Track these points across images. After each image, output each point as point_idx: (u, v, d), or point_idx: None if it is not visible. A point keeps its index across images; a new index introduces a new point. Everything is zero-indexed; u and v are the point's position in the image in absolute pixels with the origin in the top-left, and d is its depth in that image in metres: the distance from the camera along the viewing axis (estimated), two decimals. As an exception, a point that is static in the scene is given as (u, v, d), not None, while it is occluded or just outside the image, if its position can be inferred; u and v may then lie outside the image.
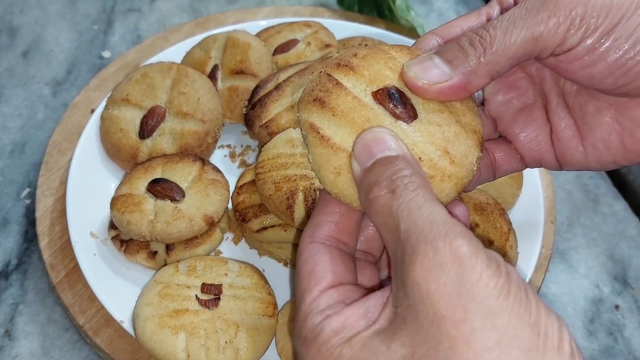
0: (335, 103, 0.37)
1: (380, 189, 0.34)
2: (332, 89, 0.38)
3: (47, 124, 0.75)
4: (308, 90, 0.39)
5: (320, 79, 0.39)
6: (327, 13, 0.84)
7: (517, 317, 0.29)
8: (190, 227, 0.58)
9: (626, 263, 0.68)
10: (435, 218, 0.32)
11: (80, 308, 0.58)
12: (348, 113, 0.37)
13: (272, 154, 0.59)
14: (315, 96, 0.38)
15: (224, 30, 0.74)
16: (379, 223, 0.34)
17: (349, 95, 0.38)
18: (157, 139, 0.65)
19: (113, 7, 0.89)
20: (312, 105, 0.38)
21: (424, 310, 0.30)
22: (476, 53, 0.39)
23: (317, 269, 0.36)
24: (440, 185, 0.37)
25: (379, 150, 0.35)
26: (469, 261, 0.30)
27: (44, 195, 0.65)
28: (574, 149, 0.45)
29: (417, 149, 0.37)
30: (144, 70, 0.68)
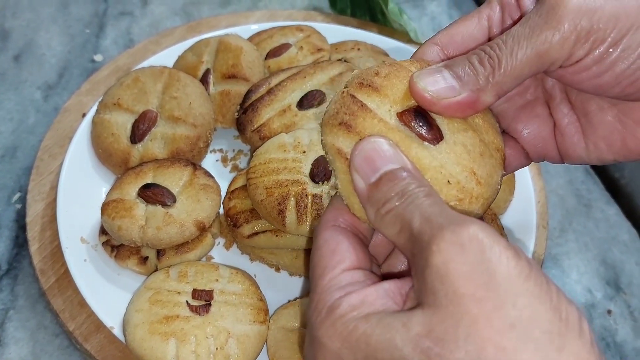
0: (362, 127, 0.36)
1: (391, 203, 0.34)
2: (357, 112, 0.37)
3: (38, 128, 0.75)
4: (332, 112, 0.38)
5: (344, 101, 0.37)
6: (320, 17, 0.84)
7: (539, 300, 0.29)
8: (181, 232, 0.58)
9: (618, 268, 0.68)
10: (446, 213, 0.32)
11: (70, 314, 0.58)
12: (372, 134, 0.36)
13: (264, 159, 0.59)
14: (341, 120, 0.37)
15: (216, 34, 0.74)
16: (392, 233, 0.34)
17: (375, 118, 0.37)
18: (149, 143, 0.64)
19: (105, 11, 0.89)
20: (338, 129, 0.37)
21: (442, 290, 0.30)
22: (485, 72, 0.39)
23: (340, 248, 0.36)
24: (469, 207, 0.37)
25: (382, 163, 0.35)
26: (488, 242, 0.30)
27: (34, 200, 0.65)
28: (577, 144, 0.45)
29: (445, 172, 0.36)
30: (136, 74, 0.67)
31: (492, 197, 0.38)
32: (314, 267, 0.37)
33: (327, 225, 0.37)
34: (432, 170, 0.36)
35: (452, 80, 0.39)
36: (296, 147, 0.59)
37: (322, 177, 0.56)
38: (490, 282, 0.29)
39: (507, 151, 0.45)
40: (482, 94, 0.39)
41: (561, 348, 0.28)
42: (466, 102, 0.38)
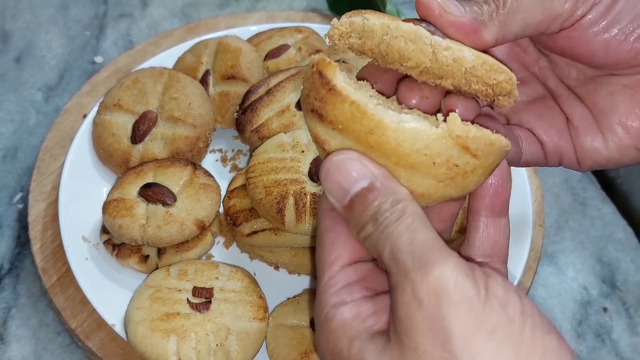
0: (333, 115, 0.34)
1: (367, 229, 0.34)
2: (326, 97, 0.34)
3: (39, 129, 0.75)
4: (305, 93, 0.36)
5: (313, 80, 0.35)
6: (318, 18, 0.85)
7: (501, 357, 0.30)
8: (181, 231, 0.58)
9: (614, 266, 0.69)
10: (414, 249, 0.32)
11: (72, 312, 0.58)
12: (349, 125, 0.34)
13: (263, 159, 0.59)
14: (312, 106, 0.35)
15: (216, 36, 0.75)
16: (372, 254, 0.34)
17: (346, 102, 0.34)
18: (149, 143, 0.65)
19: (105, 13, 0.90)
20: (313, 116, 0.35)
21: (407, 342, 0.31)
22: (489, 9, 0.39)
23: (338, 241, 0.36)
24: (464, 182, 0.35)
25: (349, 184, 0.34)
26: (446, 296, 0.30)
27: (36, 200, 0.66)
28: (593, 137, 0.44)
29: (430, 152, 0.33)
30: (136, 75, 0.68)
31: (496, 162, 0.36)
32: (317, 258, 0.37)
33: (325, 212, 0.37)
34: (414, 155, 0.34)
35: (460, 6, 0.38)
36: (295, 147, 0.60)
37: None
38: (447, 343, 0.30)
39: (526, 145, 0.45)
40: (483, 26, 0.38)
41: None
42: (469, 24, 0.38)
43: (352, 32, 0.38)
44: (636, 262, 0.69)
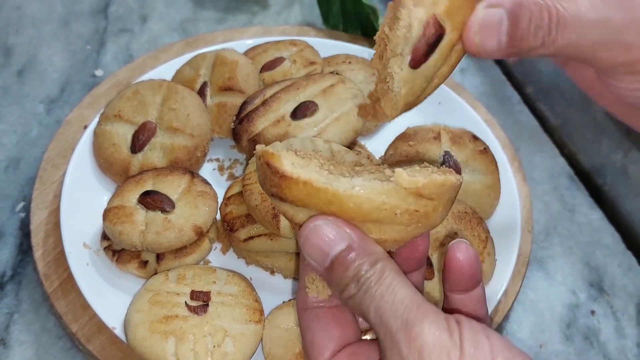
0: (291, 195, 0.36)
1: (350, 289, 0.36)
2: (280, 183, 0.36)
3: (41, 141, 0.77)
4: (261, 181, 0.38)
5: (264, 170, 0.37)
6: (313, 32, 0.87)
7: None
8: (179, 237, 0.60)
9: (602, 270, 0.71)
10: (397, 309, 0.34)
11: (73, 316, 0.60)
12: (309, 201, 0.36)
13: (259, 166, 0.61)
14: (271, 192, 0.37)
15: (213, 49, 0.77)
16: (357, 313, 0.36)
17: (299, 183, 0.35)
18: (148, 153, 0.67)
19: (105, 28, 0.92)
20: (274, 198, 0.37)
21: None
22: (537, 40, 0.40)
23: (317, 338, 0.38)
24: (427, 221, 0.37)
25: (329, 248, 0.36)
26: (427, 350, 0.32)
27: (38, 209, 0.67)
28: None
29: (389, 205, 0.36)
30: (136, 87, 0.70)
31: (454, 195, 0.38)
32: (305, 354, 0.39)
33: (300, 310, 0.39)
34: (376, 211, 0.36)
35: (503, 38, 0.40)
36: (290, 155, 0.62)
37: (314, 182, 0.59)
38: None
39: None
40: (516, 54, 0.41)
41: None
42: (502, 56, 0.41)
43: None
44: (623, 267, 0.71)
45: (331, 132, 0.66)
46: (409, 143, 0.68)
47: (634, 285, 0.70)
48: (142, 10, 0.95)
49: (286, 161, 0.36)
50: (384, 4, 0.97)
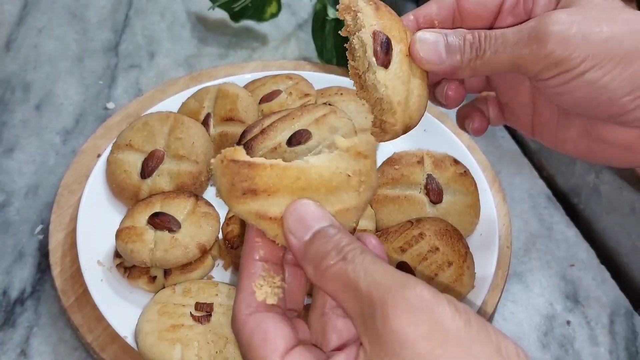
0: (263, 183, 0.38)
1: (330, 258, 0.36)
2: (250, 174, 0.38)
3: (58, 169, 0.83)
4: (227, 187, 0.38)
5: (231, 169, 0.38)
6: (308, 66, 0.94)
7: (484, 344, 0.33)
8: (185, 254, 0.65)
9: (577, 283, 0.76)
10: (390, 273, 0.35)
11: (88, 328, 0.65)
12: (279, 182, 0.38)
13: (257, 189, 0.67)
14: (242, 189, 0.38)
15: (216, 83, 0.83)
16: (335, 288, 0.36)
17: (266, 167, 0.38)
18: (157, 178, 0.73)
19: (116, 64, 0.99)
20: (245, 198, 0.38)
21: (402, 353, 0.32)
22: (469, 56, 0.47)
23: (269, 337, 0.37)
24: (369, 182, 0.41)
25: (313, 222, 0.38)
26: (434, 301, 0.33)
27: (56, 230, 0.73)
28: (549, 133, 0.52)
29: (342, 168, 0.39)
30: (145, 119, 0.76)
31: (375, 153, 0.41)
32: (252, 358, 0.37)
33: (245, 315, 0.38)
34: (334, 177, 0.39)
35: (442, 51, 0.47)
36: (285, 179, 0.68)
37: (306, 203, 0.65)
38: (444, 340, 0.32)
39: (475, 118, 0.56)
40: (459, 70, 0.47)
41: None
42: (444, 71, 0.48)
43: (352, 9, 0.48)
44: (597, 280, 0.76)
45: (323, 157, 0.72)
46: (395, 167, 0.74)
47: (607, 297, 0.75)
48: (150, 47, 1.02)
49: (245, 153, 0.39)
50: (375, 38, 1.03)
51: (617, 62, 0.44)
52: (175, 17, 1.06)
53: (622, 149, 0.49)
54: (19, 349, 0.67)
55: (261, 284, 0.40)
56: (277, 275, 0.40)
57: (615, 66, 0.44)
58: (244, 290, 0.39)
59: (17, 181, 0.82)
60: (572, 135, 0.51)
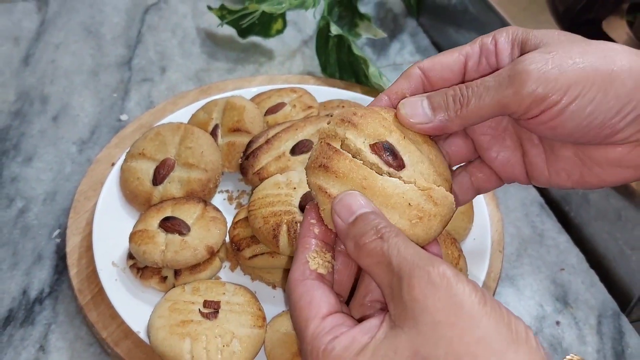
0: (337, 167, 0.45)
1: (368, 236, 0.41)
2: (332, 156, 0.45)
3: (74, 177, 0.88)
4: (313, 158, 0.46)
5: (322, 148, 0.46)
6: (312, 80, 0.98)
7: (495, 320, 0.37)
8: (194, 255, 0.69)
9: (566, 287, 0.79)
10: (419, 253, 0.39)
11: (103, 324, 0.69)
12: (348, 174, 0.45)
13: (262, 194, 0.71)
14: (320, 163, 0.45)
15: (224, 96, 0.86)
16: (370, 262, 0.41)
17: (347, 159, 0.45)
18: (168, 185, 0.77)
19: (130, 78, 1.03)
20: (319, 171, 0.45)
21: (422, 320, 0.37)
22: (455, 108, 0.47)
23: (315, 300, 0.42)
24: (429, 224, 0.45)
25: (357, 208, 0.43)
26: (454, 280, 0.37)
27: (72, 234, 0.77)
28: (541, 172, 0.53)
29: (406, 196, 0.45)
30: (157, 129, 0.81)
31: (448, 215, 0.47)
32: (296, 321, 0.43)
33: (297, 281, 0.44)
34: (396, 197, 0.45)
35: (428, 110, 0.48)
36: (288, 185, 0.72)
37: (308, 207, 0.69)
38: (459, 311, 0.36)
39: (480, 174, 0.55)
40: (449, 123, 0.48)
41: (516, 351, 0.36)
42: (435, 127, 0.48)
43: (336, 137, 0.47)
44: (586, 283, 0.80)
45: (325, 166, 0.77)
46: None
47: (595, 300, 0.78)
48: (162, 62, 1.06)
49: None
50: (376, 54, 1.08)
51: (598, 87, 0.45)
52: (185, 33, 1.11)
53: (614, 167, 0.51)
54: (38, 344, 0.71)
55: (314, 256, 0.45)
56: (328, 252, 0.46)
57: (598, 91, 0.45)
58: (298, 260, 0.45)
59: (35, 188, 0.87)
60: (563, 167, 0.52)
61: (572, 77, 0.45)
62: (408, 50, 1.10)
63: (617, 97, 0.46)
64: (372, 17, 1.06)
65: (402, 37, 1.12)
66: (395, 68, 1.07)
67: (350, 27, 1.04)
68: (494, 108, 0.47)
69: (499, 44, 0.50)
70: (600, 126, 0.47)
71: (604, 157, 0.50)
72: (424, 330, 0.37)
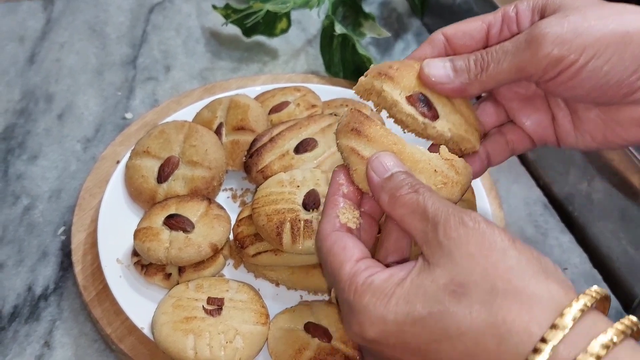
0: (368, 132, 0.49)
1: (404, 190, 0.46)
2: (364, 122, 0.49)
3: (79, 174, 0.88)
4: (344, 123, 0.50)
5: (353, 114, 0.50)
6: (316, 79, 0.98)
7: (525, 254, 0.41)
8: (198, 253, 0.70)
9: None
10: (452, 204, 0.44)
11: (108, 321, 0.70)
12: (379, 139, 0.49)
13: (266, 192, 0.72)
14: (352, 127, 0.49)
15: (228, 95, 0.86)
16: (404, 212, 0.45)
17: (377, 126, 0.50)
18: (172, 183, 0.78)
19: (134, 77, 1.03)
20: (351, 134, 0.49)
21: (457, 253, 0.41)
22: (475, 71, 0.51)
23: (349, 246, 0.46)
24: (451, 190, 0.50)
25: (392, 166, 0.48)
26: (485, 224, 0.42)
27: (77, 231, 0.78)
28: (569, 134, 0.57)
29: (432, 163, 0.50)
30: (162, 127, 0.81)
31: (467, 185, 0.51)
32: (330, 266, 0.46)
33: (329, 231, 0.47)
34: (423, 163, 0.49)
35: (450, 71, 0.52)
36: (292, 183, 0.72)
37: (312, 205, 0.69)
38: (491, 246, 0.41)
39: (514, 138, 0.58)
40: (469, 86, 0.52)
41: (546, 279, 0.40)
42: (456, 89, 0.52)
43: (372, 91, 0.53)
44: (589, 283, 0.80)
45: (328, 164, 0.77)
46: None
47: (598, 299, 0.78)
48: (166, 61, 1.06)
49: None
50: (380, 54, 1.08)
51: (614, 48, 0.48)
52: (190, 32, 1.11)
53: (635, 126, 0.54)
54: (43, 340, 0.72)
55: (344, 212, 0.49)
56: (356, 210, 0.49)
57: (613, 52, 0.48)
58: (328, 215, 0.48)
59: (41, 186, 0.87)
60: (587, 128, 0.56)
61: (587, 39, 0.48)
62: (412, 50, 1.09)
63: (633, 57, 0.48)
64: (377, 17, 1.06)
65: (407, 37, 1.12)
66: (399, 67, 1.07)
67: (355, 26, 1.05)
68: (511, 72, 0.50)
69: (520, 12, 0.54)
70: (618, 85, 0.49)
71: (625, 116, 0.53)
72: (459, 262, 0.41)
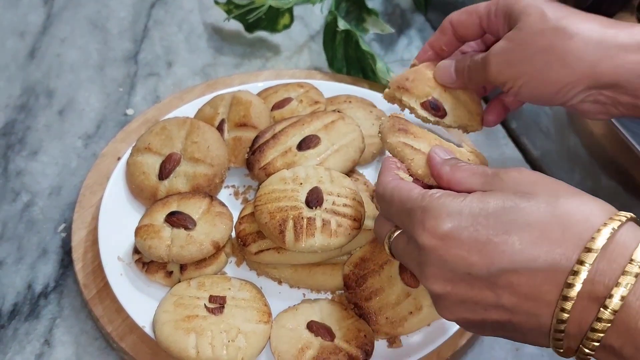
0: (413, 130, 0.60)
1: (462, 162, 0.53)
2: (406, 123, 0.60)
3: (80, 171, 0.87)
4: (389, 125, 0.60)
5: (394, 119, 0.61)
6: (319, 75, 0.97)
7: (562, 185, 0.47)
8: (200, 250, 0.69)
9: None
10: None
11: (108, 319, 0.69)
12: (423, 135, 0.59)
13: (268, 190, 0.71)
14: (398, 127, 0.59)
15: (230, 91, 0.86)
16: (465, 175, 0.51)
17: (416, 126, 0.61)
18: (174, 180, 0.77)
19: (136, 72, 1.03)
20: (399, 133, 0.59)
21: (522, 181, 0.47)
22: (468, 77, 0.66)
23: (411, 184, 0.53)
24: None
25: (447, 154, 0.55)
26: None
27: (78, 228, 0.77)
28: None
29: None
30: (163, 123, 0.81)
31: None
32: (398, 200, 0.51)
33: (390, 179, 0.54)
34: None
35: (453, 74, 0.67)
36: (295, 180, 0.71)
37: (315, 203, 0.68)
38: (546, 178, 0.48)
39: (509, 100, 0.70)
40: (465, 85, 0.68)
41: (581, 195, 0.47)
42: (459, 86, 0.68)
43: (395, 99, 0.69)
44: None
45: (332, 161, 0.76)
46: (400, 171, 0.78)
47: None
48: (168, 56, 1.06)
49: None
50: (384, 50, 1.08)
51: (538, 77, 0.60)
52: (192, 28, 1.10)
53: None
54: (43, 338, 0.71)
55: (400, 173, 0.56)
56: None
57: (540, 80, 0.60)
58: (387, 170, 0.56)
59: (41, 182, 0.86)
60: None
61: (520, 69, 0.60)
62: (416, 46, 1.09)
63: (555, 82, 0.60)
64: (380, 13, 1.06)
65: (410, 33, 1.11)
66: (403, 64, 1.06)
67: (358, 22, 1.04)
68: (482, 82, 0.66)
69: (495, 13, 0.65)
70: (550, 100, 0.61)
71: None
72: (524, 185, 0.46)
